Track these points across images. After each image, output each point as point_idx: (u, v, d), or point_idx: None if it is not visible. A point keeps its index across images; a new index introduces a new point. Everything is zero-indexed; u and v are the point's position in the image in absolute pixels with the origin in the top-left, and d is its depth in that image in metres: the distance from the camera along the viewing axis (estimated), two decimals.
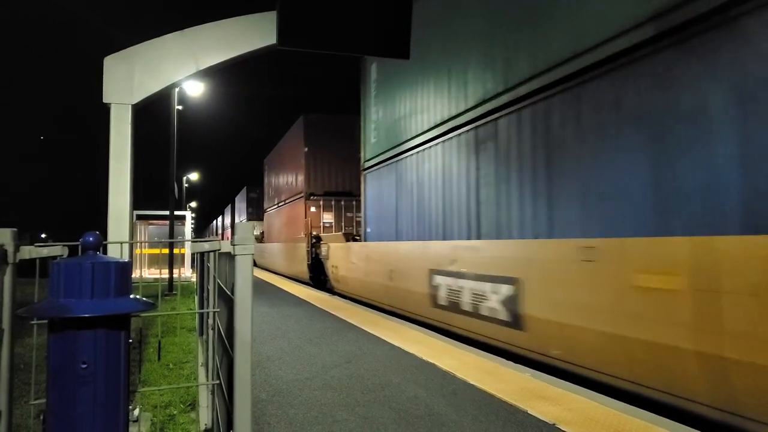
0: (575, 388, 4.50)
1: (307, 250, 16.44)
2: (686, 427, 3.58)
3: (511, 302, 6.15)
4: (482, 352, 6.03)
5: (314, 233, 16.71)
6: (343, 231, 16.71)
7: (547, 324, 5.59)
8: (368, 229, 12.71)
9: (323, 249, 15.69)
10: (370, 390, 4.54)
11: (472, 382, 4.69)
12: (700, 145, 4.06)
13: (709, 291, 3.74)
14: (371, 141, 12.62)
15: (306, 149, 18.84)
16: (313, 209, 18.51)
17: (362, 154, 13.26)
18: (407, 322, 8.31)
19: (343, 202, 18.83)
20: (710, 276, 3.74)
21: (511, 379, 4.81)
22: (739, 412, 3.62)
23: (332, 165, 18.93)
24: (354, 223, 18.37)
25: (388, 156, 11.34)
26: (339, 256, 13.99)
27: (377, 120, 12.24)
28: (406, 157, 10.33)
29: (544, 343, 5.66)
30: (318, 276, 16.08)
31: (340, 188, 19.00)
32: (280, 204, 24.28)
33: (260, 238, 30.49)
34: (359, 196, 17.96)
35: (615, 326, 4.63)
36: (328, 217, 18.58)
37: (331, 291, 14.46)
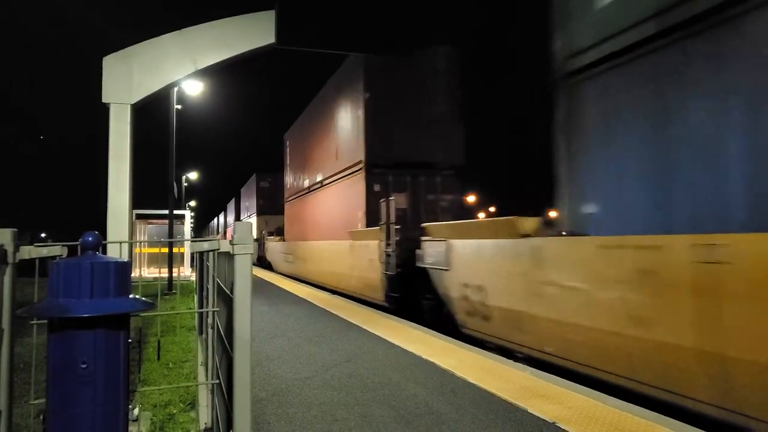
0: (575, 387, 4.51)
1: (384, 252, 10.04)
2: (687, 425, 3.58)
3: None
4: (481, 350, 6.04)
5: (396, 224, 9.90)
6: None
7: None
8: (589, 209, 5.60)
9: (432, 249, 8.78)
10: (370, 389, 4.55)
11: (471, 381, 4.69)
12: None
13: None
14: None
15: (368, 95, 11.98)
16: (377, 188, 12.23)
17: (562, 43, 6.12)
18: (407, 321, 8.28)
19: (422, 179, 12.36)
20: None
21: (510, 377, 4.82)
22: None
23: (403, 125, 12.36)
24: (438, 210, 12.27)
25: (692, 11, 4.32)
26: (496, 266, 6.78)
27: None
28: None
29: None
30: (411, 296, 9.52)
31: (416, 158, 12.35)
32: (313, 188, 17.44)
33: (275, 236, 25.46)
34: (447, 168, 12.05)
35: None
36: (400, 201, 11.98)
37: (453, 329, 7.77)
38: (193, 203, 59.51)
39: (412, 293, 9.44)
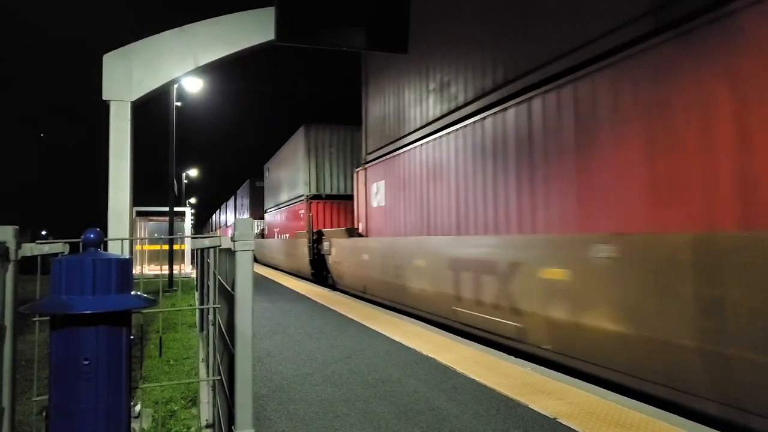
0: (576, 382, 4.52)
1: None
2: (688, 420, 3.60)
3: None
4: (482, 346, 6.05)
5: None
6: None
7: None
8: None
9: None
10: (370, 385, 4.56)
11: (472, 377, 4.70)
12: None
13: None
14: None
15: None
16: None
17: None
18: (407, 317, 8.32)
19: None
20: None
21: (511, 373, 4.83)
22: None
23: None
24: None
25: None
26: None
27: None
28: None
29: None
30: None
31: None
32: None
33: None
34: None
35: None
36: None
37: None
38: (193, 200, 59.48)
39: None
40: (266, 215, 29.22)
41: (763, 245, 3.42)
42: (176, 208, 17.38)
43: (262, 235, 30.08)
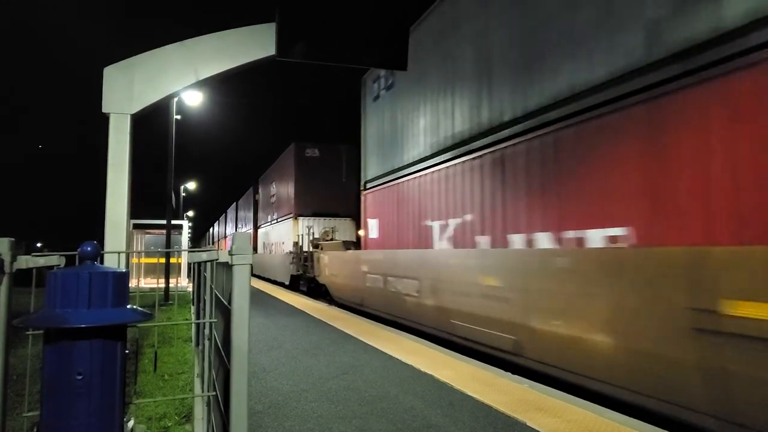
0: (574, 400, 4.48)
1: None
2: None
3: None
4: (480, 362, 6.00)
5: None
6: None
7: None
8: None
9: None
10: (367, 401, 4.51)
11: (469, 393, 4.66)
12: None
13: None
14: None
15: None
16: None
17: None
18: (404, 333, 8.27)
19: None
20: None
21: (509, 390, 4.78)
22: None
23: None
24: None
25: None
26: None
27: None
28: None
29: None
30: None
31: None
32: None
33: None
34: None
35: None
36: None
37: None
38: (191, 213, 59.47)
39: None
40: (371, 195, 12.56)
41: None
42: (174, 221, 17.35)
43: (355, 245, 15.99)
